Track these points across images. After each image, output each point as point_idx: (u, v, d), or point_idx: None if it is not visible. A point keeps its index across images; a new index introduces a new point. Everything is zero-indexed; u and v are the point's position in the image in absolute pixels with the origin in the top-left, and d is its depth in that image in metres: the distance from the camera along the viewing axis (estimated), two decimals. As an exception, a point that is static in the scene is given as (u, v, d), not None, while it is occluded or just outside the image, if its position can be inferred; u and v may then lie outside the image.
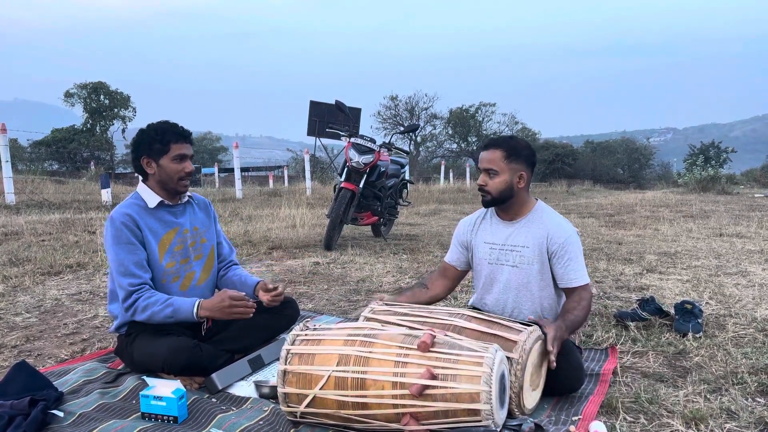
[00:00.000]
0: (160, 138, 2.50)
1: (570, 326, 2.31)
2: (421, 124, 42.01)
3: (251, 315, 2.49)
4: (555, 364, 2.13)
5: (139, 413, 2.09)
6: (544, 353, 2.18)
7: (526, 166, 2.51)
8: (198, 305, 2.43)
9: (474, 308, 2.68)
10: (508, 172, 2.48)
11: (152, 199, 2.55)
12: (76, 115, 39.90)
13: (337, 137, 6.53)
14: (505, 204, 2.55)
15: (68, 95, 38.51)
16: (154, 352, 2.37)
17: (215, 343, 2.55)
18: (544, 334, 2.17)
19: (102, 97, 38.85)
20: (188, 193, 2.71)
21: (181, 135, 2.52)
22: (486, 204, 2.59)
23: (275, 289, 2.67)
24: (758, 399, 2.26)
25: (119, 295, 2.47)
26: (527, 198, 2.58)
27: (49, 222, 7.45)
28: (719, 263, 5.04)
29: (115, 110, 39.26)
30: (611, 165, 42.71)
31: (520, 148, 2.50)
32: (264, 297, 2.66)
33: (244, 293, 2.50)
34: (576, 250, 2.48)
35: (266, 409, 2.13)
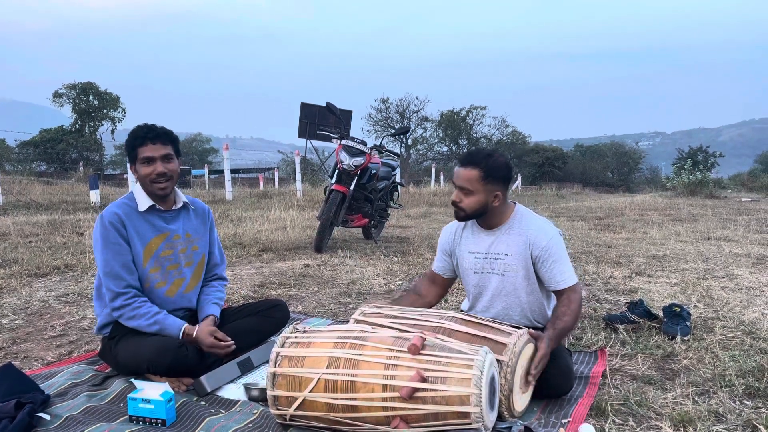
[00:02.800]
0: (131, 144, 2.51)
1: (560, 335, 2.32)
2: (412, 127, 42.07)
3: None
4: (533, 384, 2.17)
5: (127, 416, 2.08)
6: (534, 356, 2.19)
7: (502, 186, 2.44)
8: (183, 332, 2.45)
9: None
10: (483, 192, 2.41)
11: (144, 202, 2.54)
12: (64, 116, 39.63)
13: (328, 139, 6.52)
14: (480, 217, 2.52)
15: (57, 96, 38.17)
16: (139, 352, 2.36)
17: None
18: (536, 348, 2.19)
19: (91, 97, 38.56)
20: (185, 199, 2.67)
21: (146, 137, 2.47)
22: (459, 219, 2.54)
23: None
24: (746, 401, 2.27)
25: (106, 296, 2.47)
26: (504, 208, 2.51)
27: (37, 223, 7.39)
28: (707, 266, 5.08)
29: (105, 111, 38.98)
30: (601, 169, 42.99)
31: (498, 169, 2.41)
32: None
33: (229, 341, 2.50)
34: (560, 252, 2.45)
35: (255, 412, 2.12)
